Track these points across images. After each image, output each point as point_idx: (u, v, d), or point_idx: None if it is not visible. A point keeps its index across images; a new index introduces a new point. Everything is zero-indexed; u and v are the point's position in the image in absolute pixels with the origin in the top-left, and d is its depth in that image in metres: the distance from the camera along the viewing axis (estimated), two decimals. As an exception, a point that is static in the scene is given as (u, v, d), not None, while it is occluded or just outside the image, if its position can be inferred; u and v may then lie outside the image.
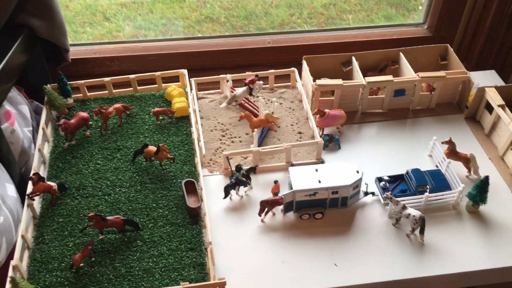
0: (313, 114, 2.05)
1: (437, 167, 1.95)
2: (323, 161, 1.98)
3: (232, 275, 1.63)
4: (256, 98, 2.22)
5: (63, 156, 1.95)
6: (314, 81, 2.09)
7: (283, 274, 1.64)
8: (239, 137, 2.09)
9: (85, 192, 1.83)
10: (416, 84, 2.13)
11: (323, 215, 1.79)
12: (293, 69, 2.27)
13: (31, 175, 1.75)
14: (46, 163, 1.93)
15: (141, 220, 1.74)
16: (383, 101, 2.18)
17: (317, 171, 1.80)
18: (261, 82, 2.19)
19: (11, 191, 1.74)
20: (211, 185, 1.91)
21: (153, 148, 1.88)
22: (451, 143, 1.91)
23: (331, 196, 1.77)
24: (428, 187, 1.81)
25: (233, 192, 1.85)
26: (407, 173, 1.87)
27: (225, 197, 1.83)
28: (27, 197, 1.71)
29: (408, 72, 2.17)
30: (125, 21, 2.46)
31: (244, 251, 1.71)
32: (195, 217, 1.75)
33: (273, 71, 2.24)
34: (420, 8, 2.61)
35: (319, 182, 1.75)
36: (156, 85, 2.23)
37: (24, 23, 1.97)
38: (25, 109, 2.04)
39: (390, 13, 2.61)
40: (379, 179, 1.88)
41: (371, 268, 1.66)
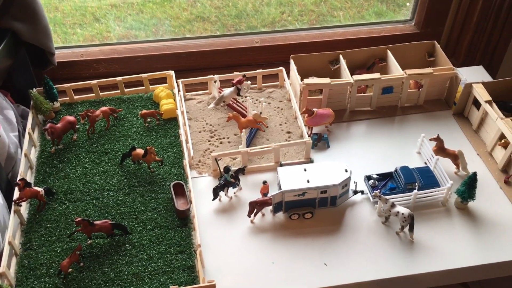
0: (301, 113, 2.05)
1: (425, 164, 1.96)
2: (312, 161, 1.98)
3: (222, 277, 1.63)
4: (244, 98, 2.21)
5: (50, 160, 1.94)
6: (302, 80, 2.09)
7: (273, 274, 1.64)
8: (228, 138, 2.08)
9: (73, 196, 1.81)
10: (403, 81, 2.13)
11: (312, 214, 1.79)
12: (281, 68, 2.26)
13: (17, 180, 1.73)
14: (33, 168, 1.92)
15: (130, 223, 1.73)
16: (371, 99, 2.18)
17: (305, 170, 1.80)
18: (249, 82, 2.19)
19: (-3, 197, 1.73)
20: (200, 186, 1.90)
21: (140, 151, 1.87)
22: (439, 140, 1.91)
23: (320, 195, 1.76)
24: (416, 184, 1.81)
25: (222, 193, 1.85)
26: (396, 170, 1.87)
27: (214, 199, 1.83)
28: (13, 203, 1.70)
29: (395, 69, 2.17)
30: (115, 22, 2.45)
31: (234, 253, 1.70)
32: (184, 220, 1.74)
33: (261, 70, 2.23)
34: (408, 4, 2.62)
35: (308, 181, 1.75)
36: (143, 87, 2.22)
37: (7, 27, 1.96)
38: (11, 114, 2.02)
39: (380, 9, 2.61)
40: (368, 178, 1.88)
41: (361, 267, 1.66)
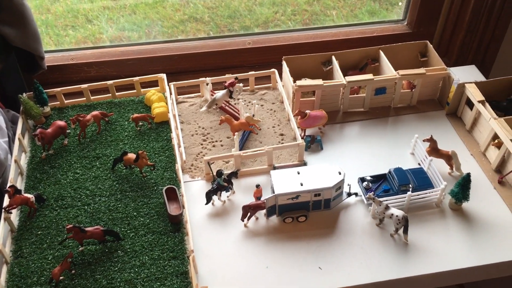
0: (294, 115, 2.04)
1: (419, 165, 1.95)
2: (305, 163, 1.97)
3: (216, 282, 1.61)
4: (236, 100, 2.20)
5: (40, 166, 1.91)
6: (294, 82, 2.08)
7: (267, 279, 1.63)
8: (221, 141, 2.06)
9: (64, 202, 1.79)
10: (396, 82, 2.12)
11: (306, 218, 1.77)
12: (273, 70, 2.24)
13: (7, 187, 1.71)
14: (23, 174, 1.89)
15: (122, 229, 1.72)
16: (364, 100, 2.17)
17: (299, 173, 1.78)
18: (241, 84, 2.17)
19: (-13, 205, 1.70)
20: (193, 191, 1.88)
21: (132, 155, 1.85)
22: (432, 141, 1.90)
23: (313, 198, 1.75)
24: (410, 186, 1.80)
25: (215, 197, 1.83)
26: (390, 172, 1.86)
27: (207, 203, 1.81)
28: (3, 210, 1.68)
29: (388, 70, 2.16)
30: (108, 23, 2.43)
31: (227, 258, 1.69)
32: (177, 225, 1.73)
33: (253, 72, 2.22)
34: (400, 4, 2.61)
35: (301, 185, 1.74)
36: (135, 91, 2.20)
37: (-4, 32, 1.93)
38: (0, 119, 2.00)
39: (373, 8, 2.60)
40: (362, 179, 1.87)
41: (356, 270, 1.65)
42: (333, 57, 2.22)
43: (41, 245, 1.67)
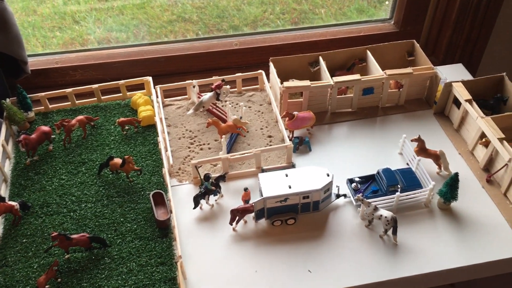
0: (281, 117, 2.02)
1: (408, 165, 1.95)
2: (294, 165, 1.95)
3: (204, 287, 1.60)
4: (223, 103, 2.18)
5: (25, 173, 1.88)
6: (281, 83, 2.06)
7: (256, 283, 1.61)
8: (208, 144, 2.04)
9: (49, 209, 1.77)
10: (384, 82, 2.11)
11: (295, 220, 1.76)
12: (260, 71, 2.23)
13: (-10, 195, 1.68)
14: (7, 181, 1.86)
15: (109, 236, 1.69)
16: (352, 100, 2.16)
17: (287, 176, 1.77)
18: (228, 86, 2.16)
19: (-30, 213, 1.67)
20: (181, 195, 1.86)
21: (118, 160, 1.82)
22: (420, 141, 1.90)
23: (302, 201, 1.74)
24: (399, 186, 1.79)
25: (203, 201, 1.81)
26: (378, 173, 1.85)
27: (194, 207, 1.79)
28: (-13, 219, 1.65)
29: (375, 70, 2.16)
30: (95, 24, 2.40)
31: (216, 263, 1.67)
32: (164, 230, 1.71)
33: (240, 74, 2.20)
34: (387, 2, 2.60)
35: (290, 187, 1.73)
36: (120, 94, 2.17)
37: (-23, 37, 1.90)
38: (-17, 125, 1.97)
39: (361, 6, 2.60)
40: (351, 181, 1.86)
41: (345, 272, 1.64)
42: (320, 58, 2.21)
43: (26, 254, 1.65)
